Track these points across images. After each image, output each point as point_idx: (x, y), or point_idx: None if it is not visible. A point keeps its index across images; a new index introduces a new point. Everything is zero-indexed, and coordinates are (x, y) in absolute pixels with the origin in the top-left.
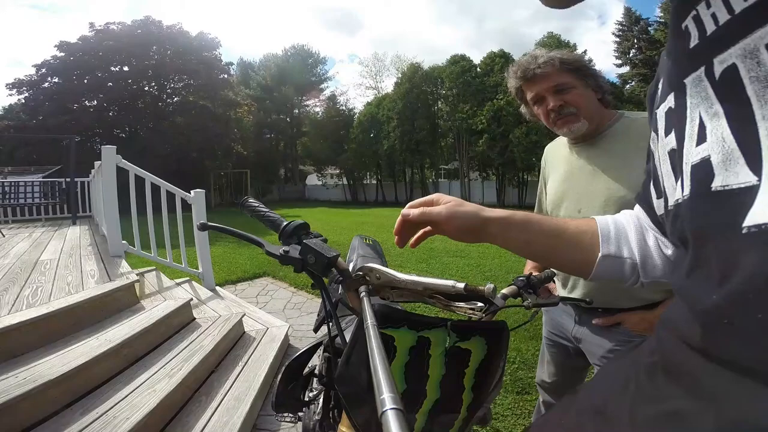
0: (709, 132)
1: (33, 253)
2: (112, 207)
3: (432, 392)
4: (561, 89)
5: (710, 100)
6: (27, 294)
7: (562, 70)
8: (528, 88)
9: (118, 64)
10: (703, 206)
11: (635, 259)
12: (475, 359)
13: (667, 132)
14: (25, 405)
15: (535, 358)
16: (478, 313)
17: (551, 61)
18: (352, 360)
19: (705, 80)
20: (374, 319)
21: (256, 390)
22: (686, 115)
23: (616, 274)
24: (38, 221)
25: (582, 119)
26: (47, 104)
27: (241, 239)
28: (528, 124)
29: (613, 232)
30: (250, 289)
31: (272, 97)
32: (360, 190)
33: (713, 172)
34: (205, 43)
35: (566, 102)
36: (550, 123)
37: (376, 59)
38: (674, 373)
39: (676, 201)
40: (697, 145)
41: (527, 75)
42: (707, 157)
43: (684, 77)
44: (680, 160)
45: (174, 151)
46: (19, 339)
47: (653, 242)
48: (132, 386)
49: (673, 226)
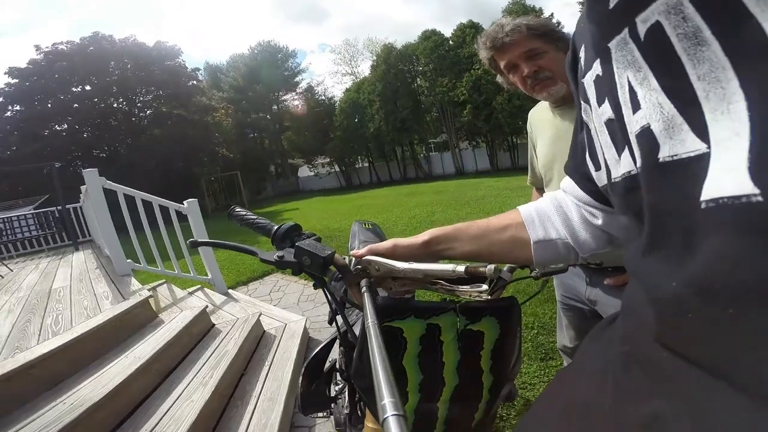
0: (641, 98)
1: (44, 282)
2: (109, 228)
3: (450, 379)
4: (533, 55)
5: (637, 64)
6: (49, 323)
7: (530, 36)
8: (499, 57)
9: (79, 84)
10: (655, 179)
11: (565, 238)
12: (489, 340)
13: (599, 101)
14: (78, 430)
15: (554, 321)
16: (483, 295)
17: (518, 28)
18: (365, 355)
19: (630, 42)
20: (375, 317)
21: (286, 388)
22: (615, 82)
23: (554, 255)
24: (41, 252)
25: (559, 82)
26: (16, 133)
27: (235, 251)
28: (509, 91)
29: (537, 218)
30: (261, 287)
31: (247, 97)
32: (353, 175)
33: (657, 141)
34: (165, 53)
35: (540, 67)
36: (528, 89)
37: (348, 45)
38: (647, 367)
39: (628, 173)
40: (634, 113)
41: (496, 44)
42: (647, 125)
43: (607, 41)
44: (623, 131)
45: (159, 163)
46: (54, 366)
47: (578, 217)
48: (170, 400)
49: (625, 199)
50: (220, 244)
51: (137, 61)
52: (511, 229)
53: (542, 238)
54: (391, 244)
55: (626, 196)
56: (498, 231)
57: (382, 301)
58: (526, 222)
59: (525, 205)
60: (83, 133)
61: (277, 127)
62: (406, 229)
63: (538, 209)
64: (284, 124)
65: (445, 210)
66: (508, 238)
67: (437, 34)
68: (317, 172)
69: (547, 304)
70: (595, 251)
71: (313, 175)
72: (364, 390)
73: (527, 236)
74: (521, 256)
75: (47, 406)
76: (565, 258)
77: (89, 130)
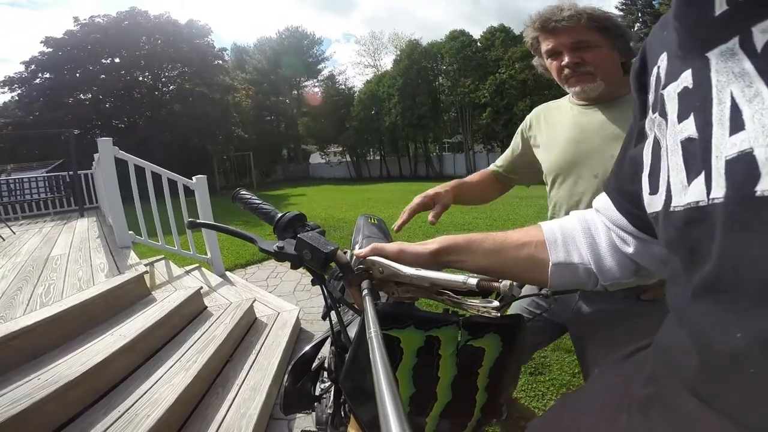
0: (747, 118)
1: (44, 249)
2: (115, 198)
3: (443, 395)
4: (581, 46)
5: (748, 77)
6: (40, 292)
7: (589, 27)
8: (545, 39)
9: (109, 56)
10: (742, 214)
11: (587, 264)
12: (489, 358)
13: (682, 117)
14: (50, 406)
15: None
16: (493, 311)
17: (578, 15)
18: (357, 362)
19: (740, 53)
20: (378, 326)
21: (270, 378)
22: (711, 96)
23: (572, 280)
24: (47, 215)
25: (599, 80)
26: (42, 100)
27: (233, 236)
28: (532, 97)
29: (560, 239)
30: (259, 272)
31: (269, 80)
32: (364, 167)
33: (759, 171)
34: (195, 31)
35: (584, 60)
36: (561, 79)
37: (374, 37)
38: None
39: (696, 203)
40: (731, 135)
41: (548, 26)
42: (749, 150)
43: (706, 50)
44: (705, 153)
45: (175, 138)
46: (37, 339)
47: (606, 242)
48: (150, 382)
49: (681, 232)
50: (219, 227)
51: (168, 38)
52: (530, 247)
53: (563, 260)
54: (396, 248)
55: (684, 228)
56: (515, 248)
57: (382, 306)
58: (548, 241)
59: (548, 222)
60: (106, 103)
61: (295, 111)
62: (411, 228)
63: (563, 228)
64: (302, 109)
65: (452, 211)
66: (525, 256)
67: (465, 35)
68: (329, 161)
69: None
70: (619, 280)
71: (324, 163)
72: (351, 395)
73: (546, 257)
74: (536, 278)
75: (21, 380)
76: (584, 284)
77: (112, 100)
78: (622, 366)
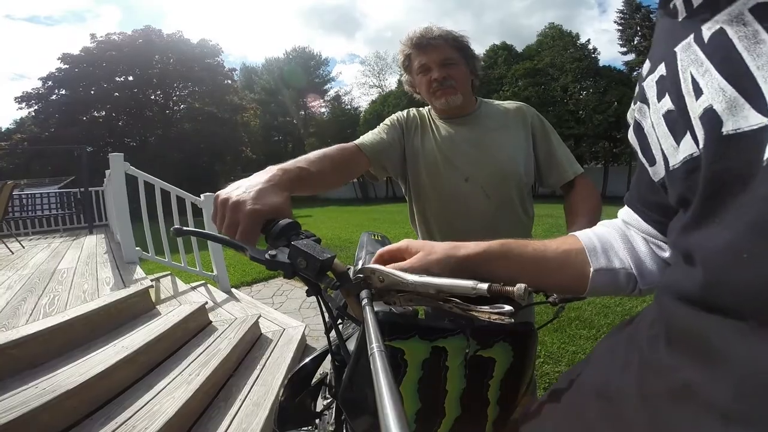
0: (704, 86)
1: (51, 262)
2: (124, 214)
3: (451, 410)
4: (447, 63)
5: (699, 60)
6: (44, 303)
7: (452, 46)
8: (417, 55)
9: (122, 74)
10: (719, 150)
11: (629, 268)
12: (501, 368)
13: (660, 97)
14: (44, 416)
15: (561, 351)
16: (506, 319)
17: (446, 35)
18: (357, 376)
19: (694, 44)
20: (380, 339)
21: (274, 394)
22: (679, 78)
23: (612, 285)
24: (57, 232)
25: (459, 93)
26: (57, 116)
27: (222, 244)
28: None
29: (599, 246)
30: (265, 290)
31: (277, 100)
32: (370, 187)
33: (720, 118)
34: (207, 50)
35: (449, 75)
36: (429, 92)
37: (378, 58)
38: (678, 340)
39: (690, 155)
40: (696, 99)
41: (422, 42)
42: (709, 106)
43: (674, 46)
44: (684, 117)
45: (185, 158)
46: (38, 349)
47: (644, 247)
48: (151, 394)
49: (685, 182)
50: (207, 235)
51: (180, 57)
52: (570, 254)
53: (604, 266)
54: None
55: (686, 179)
56: (556, 256)
57: (383, 316)
58: (587, 248)
59: (580, 232)
60: (119, 120)
61: (302, 132)
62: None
63: (599, 236)
64: (309, 129)
65: None
66: (566, 263)
67: None
68: None
69: (556, 334)
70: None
71: None
72: (351, 412)
73: (584, 265)
74: (574, 285)
75: (18, 389)
76: (623, 289)
77: (125, 118)
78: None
